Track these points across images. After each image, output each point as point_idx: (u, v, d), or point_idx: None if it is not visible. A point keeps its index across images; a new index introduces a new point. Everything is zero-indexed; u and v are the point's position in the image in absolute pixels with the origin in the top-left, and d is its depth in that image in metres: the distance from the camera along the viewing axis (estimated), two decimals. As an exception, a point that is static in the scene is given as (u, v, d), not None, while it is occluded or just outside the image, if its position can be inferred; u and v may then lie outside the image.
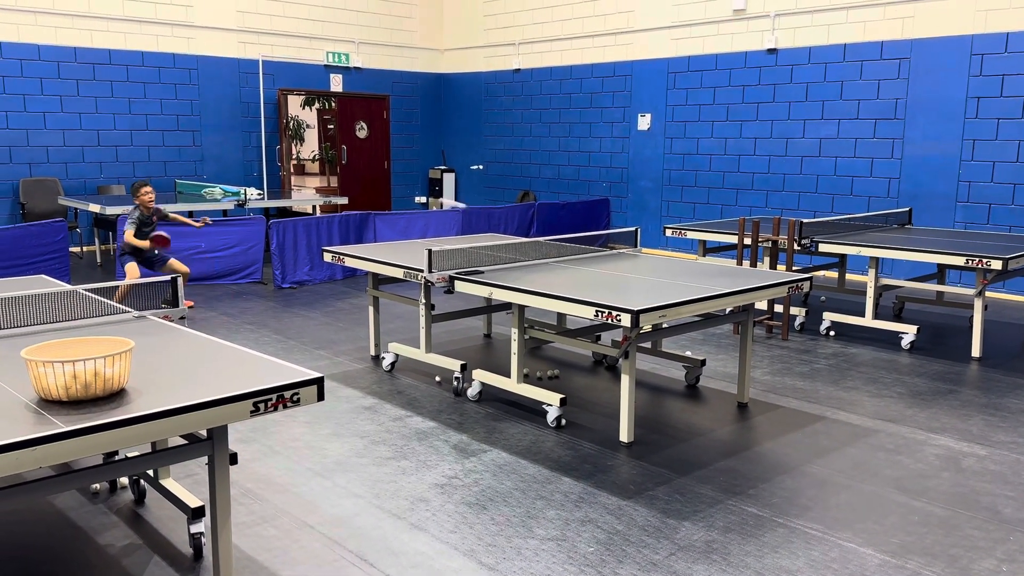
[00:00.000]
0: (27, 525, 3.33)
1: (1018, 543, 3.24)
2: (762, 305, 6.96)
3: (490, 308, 5.96)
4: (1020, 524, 3.40)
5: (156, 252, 7.21)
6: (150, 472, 3.43)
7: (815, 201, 9.65)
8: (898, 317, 7.29)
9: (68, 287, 3.69)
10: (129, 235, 7.03)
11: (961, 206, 8.54)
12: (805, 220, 6.69)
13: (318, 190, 15.59)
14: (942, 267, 7.17)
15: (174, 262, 7.33)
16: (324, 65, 12.73)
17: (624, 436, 4.26)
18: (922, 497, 3.65)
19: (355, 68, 13.06)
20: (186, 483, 3.74)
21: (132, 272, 6.98)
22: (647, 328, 4.80)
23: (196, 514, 3.07)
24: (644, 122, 11.26)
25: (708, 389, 5.23)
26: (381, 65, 13.39)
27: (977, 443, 4.31)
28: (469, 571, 3.00)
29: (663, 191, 11.16)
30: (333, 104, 13.45)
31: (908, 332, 6.23)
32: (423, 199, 14.16)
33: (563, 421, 4.53)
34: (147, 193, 7.05)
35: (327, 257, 5.73)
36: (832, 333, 6.67)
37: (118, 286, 6.97)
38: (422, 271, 4.86)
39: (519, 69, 12.90)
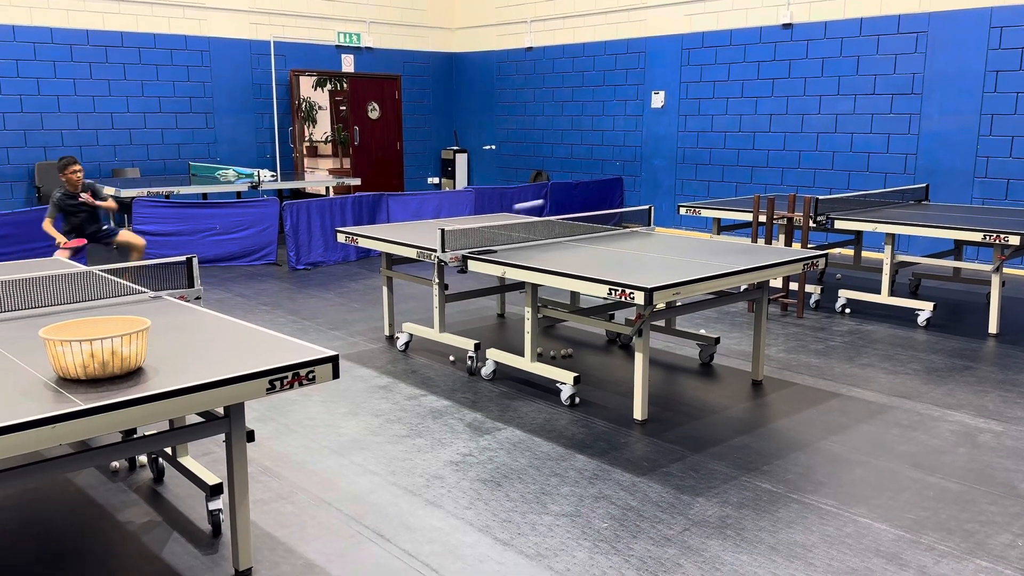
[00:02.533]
0: (48, 503, 3.38)
1: (1034, 518, 3.23)
2: (777, 283, 6.93)
3: (503, 288, 5.97)
4: (1037, 499, 3.39)
5: (98, 228, 6.97)
6: (168, 450, 3.47)
7: (831, 178, 9.57)
8: (914, 294, 7.24)
9: (84, 268, 3.72)
10: (46, 224, 6.72)
11: (979, 181, 8.44)
12: (821, 197, 6.63)
13: (331, 171, 15.60)
14: (959, 243, 7.10)
15: (126, 234, 7.10)
16: (335, 45, 12.69)
17: (638, 414, 4.27)
18: (937, 473, 3.64)
19: (366, 48, 13.02)
20: (203, 461, 3.79)
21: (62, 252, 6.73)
22: (661, 306, 4.79)
23: (214, 491, 3.11)
24: (658, 100, 11.17)
25: (722, 367, 5.22)
26: (392, 45, 13.33)
27: (993, 419, 4.29)
28: (484, 546, 3.02)
29: (677, 169, 11.09)
30: (345, 85, 13.43)
31: (924, 309, 6.18)
32: (436, 180, 14.14)
33: (577, 399, 4.54)
34: (75, 172, 6.73)
35: (341, 238, 5.74)
36: (847, 310, 6.63)
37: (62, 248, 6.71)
38: (436, 251, 4.86)
39: (531, 47, 12.81)
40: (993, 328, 5.93)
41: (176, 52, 11.21)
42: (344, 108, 14.38)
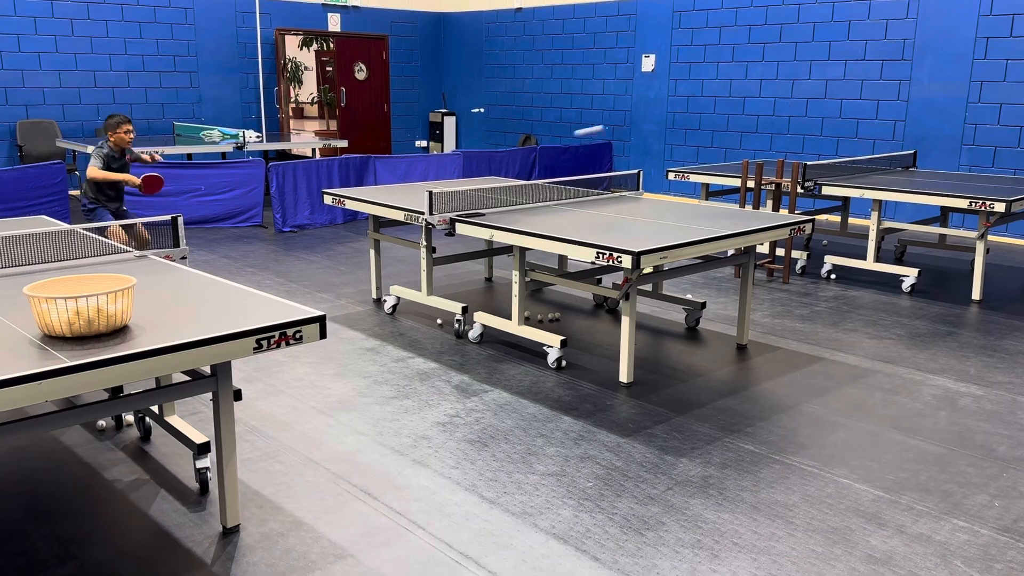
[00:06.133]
0: (35, 461, 3.38)
1: (1011, 479, 3.29)
2: (764, 248, 6.95)
3: (491, 252, 5.96)
4: (1014, 461, 3.45)
5: (121, 204, 6.05)
6: (155, 409, 3.47)
7: (820, 144, 9.56)
8: (899, 260, 7.28)
9: (68, 226, 3.68)
10: (94, 170, 5.72)
11: (967, 149, 8.45)
12: (809, 163, 6.63)
13: (317, 133, 15.44)
14: (945, 210, 7.13)
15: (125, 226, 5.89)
16: (322, 4, 12.48)
17: (624, 377, 4.30)
18: (918, 435, 3.70)
19: (353, 7, 12.81)
20: (190, 421, 3.79)
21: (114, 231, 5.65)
22: (648, 270, 4.80)
23: (202, 450, 3.12)
24: (648, 63, 11.09)
25: (708, 331, 5.25)
26: (380, 4, 13.13)
27: (974, 383, 4.35)
28: (471, 504, 3.06)
29: (666, 134, 11.05)
30: (331, 45, 13.24)
31: (909, 275, 6.23)
32: (424, 143, 14.03)
33: (563, 362, 4.56)
34: (129, 132, 5.84)
35: (327, 199, 5.70)
36: (833, 276, 6.67)
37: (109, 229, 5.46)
38: (423, 213, 4.84)
39: (521, 8, 12.65)
40: (976, 295, 5.99)
41: (159, 9, 11.00)
42: (330, 69, 14.19)
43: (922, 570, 2.67)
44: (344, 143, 10.44)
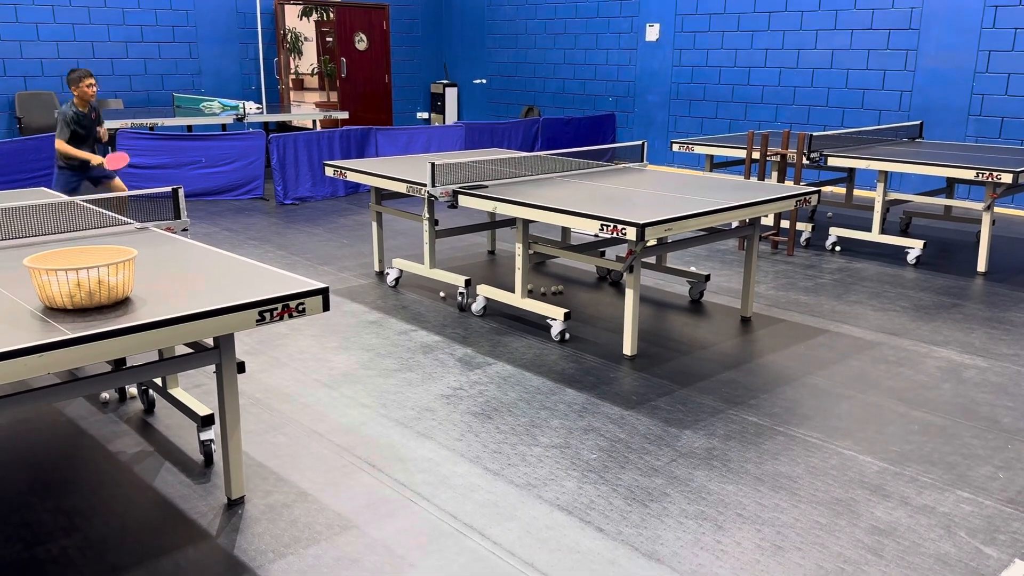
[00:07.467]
0: (39, 434, 3.39)
1: (1016, 451, 3.29)
2: (768, 221, 6.91)
3: (494, 224, 5.92)
4: (1019, 433, 3.44)
5: (104, 170, 6.18)
6: (158, 382, 3.47)
7: (825, 115, 9.46)
8: (905, 232, 7.24)
9: (68, 198, 3.66)
10: (62, 143, 5.76)
11: (974, 119, 8.37)
12: (814, 134, 6.57)
13: (317, 105, 15.32)
14: (951, 181, 7.08)
15: (120, 182, 6.37)
16: (322, -27, 12.31)
17: (627, 349, 4.29)
18: (922, 407, 3.69)
19: (354, -23, 12.64)
20: (194, 394, 3.79)
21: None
22: (652, 242, 4.77)
23: (206, 422, 3.12)
24: (652, 32, 10.95)
25: (712, 304, 5.23)
26: (380, -26, 12.95)
27: (979, 355, 4.33)
28: (475, 476, 3.06)
29: (670, 105, 10.94)
30: (331, 15, 13.08)
31: (914, 247, 6.19)
32: (425, 114, 13.92)
33: (567, 335, 4.55)
34: (91, 85, 5.87)
35: (329, 171, 5.66)
36: (838, 248, 6.64)
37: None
38: (426, 186, 4.81)
39: (523, -22, 12.47)
40: (982, 266, 5.96)
41: (157, -22, 10.86)
42: (331, 39, 14.04)
43: (926, 541, 2.68)
44: (345, 115, 10.35)
